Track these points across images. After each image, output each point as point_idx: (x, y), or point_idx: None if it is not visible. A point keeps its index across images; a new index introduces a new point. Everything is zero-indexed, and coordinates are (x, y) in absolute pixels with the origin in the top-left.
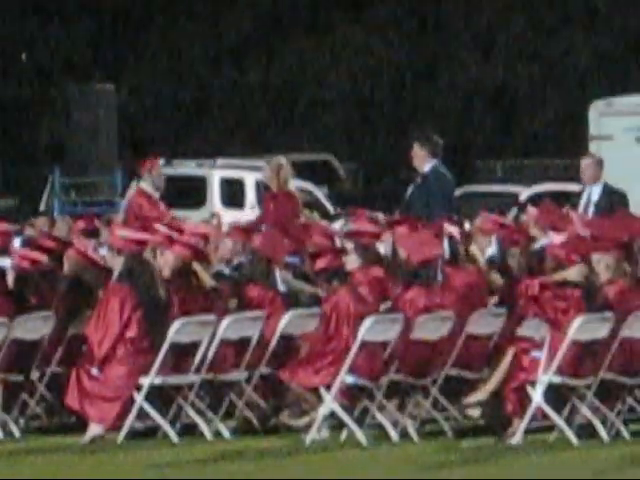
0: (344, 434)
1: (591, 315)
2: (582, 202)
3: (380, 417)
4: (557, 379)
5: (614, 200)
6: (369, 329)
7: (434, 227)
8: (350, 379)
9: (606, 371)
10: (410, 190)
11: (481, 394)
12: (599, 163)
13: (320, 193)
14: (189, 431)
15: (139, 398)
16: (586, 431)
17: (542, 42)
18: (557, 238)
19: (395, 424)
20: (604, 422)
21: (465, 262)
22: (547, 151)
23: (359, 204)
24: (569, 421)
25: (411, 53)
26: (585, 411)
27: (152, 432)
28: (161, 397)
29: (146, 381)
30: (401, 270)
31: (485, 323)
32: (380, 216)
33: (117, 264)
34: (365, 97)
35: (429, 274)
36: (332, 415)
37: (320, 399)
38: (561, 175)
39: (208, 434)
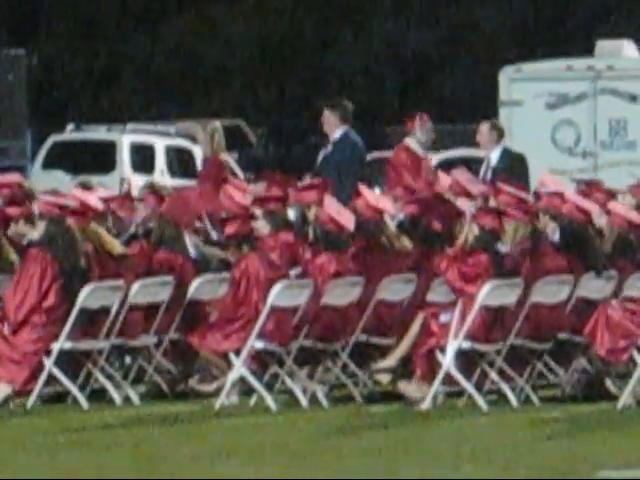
0: (253, 400)
1: (500, 281)
2: (482, 167)
3: (290, 383)
4: (467, 344)
5: (512, 164)
6: (279, 294)
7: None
8: (260, 344)
9: (515, 337)
10: (321, 156)
11: (390, 360)
12: (495, 127)
13: (231, 159)
14: (99, 396)
15: (48, 363)
16: (495, 397)
17: (452, 6)
18: (466, 204)
19: (304, 390)
20: (513, 388)
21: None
22: (458, 117)
23: (270, 169)
24: (478, 387)
25: (319, 18)
26: (494, 377)
27: (62, 397)
28: (71, 362)
29: (55, 346)
30: (315, 235)
31: (396, 289)
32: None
33: (39, 229)
34: (274, 62)
35: (342, 240)
36: (241, 380)
37: (229, 364)
38: (472, 141)
39: (117, 399)
